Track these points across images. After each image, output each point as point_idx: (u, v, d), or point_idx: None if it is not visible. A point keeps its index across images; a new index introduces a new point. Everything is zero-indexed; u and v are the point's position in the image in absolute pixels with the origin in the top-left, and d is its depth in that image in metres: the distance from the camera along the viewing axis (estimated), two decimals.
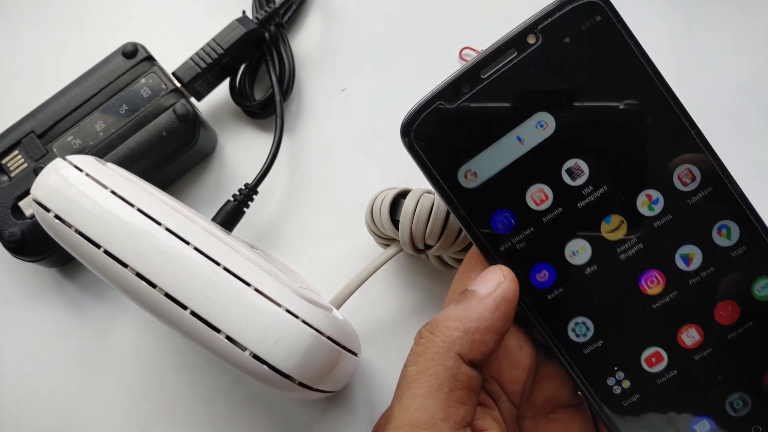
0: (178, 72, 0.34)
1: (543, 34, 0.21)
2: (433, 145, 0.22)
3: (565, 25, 0.21)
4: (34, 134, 0.33)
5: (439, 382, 0.20)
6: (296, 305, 0.23)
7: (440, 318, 0.21)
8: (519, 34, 0.22)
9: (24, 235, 0.31)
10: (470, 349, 0.20)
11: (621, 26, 0.21)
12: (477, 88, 0.22)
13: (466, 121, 0.22)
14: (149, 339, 0.33)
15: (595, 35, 0.21)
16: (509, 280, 0.21)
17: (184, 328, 0.23)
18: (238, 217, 0.33)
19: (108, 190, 0.25)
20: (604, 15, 0.21)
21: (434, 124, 0.22)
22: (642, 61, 0.21)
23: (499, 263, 0.22)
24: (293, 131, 0.37)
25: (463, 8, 0.38)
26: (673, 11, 0.36)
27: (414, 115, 0.22)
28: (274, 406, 0.32)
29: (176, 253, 0.23)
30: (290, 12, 0.38)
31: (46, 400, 0.33)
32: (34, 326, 0.34)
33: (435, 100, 0.22)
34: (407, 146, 0.22)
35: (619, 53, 0.21)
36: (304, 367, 0.23)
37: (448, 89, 0.22)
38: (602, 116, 0.22)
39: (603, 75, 0.22)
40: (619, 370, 0.22)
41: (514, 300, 0.21)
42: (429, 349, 0.21)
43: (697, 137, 0.22)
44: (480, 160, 0.22)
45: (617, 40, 0.21)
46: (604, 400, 0.22)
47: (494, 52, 0.22)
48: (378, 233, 0.31)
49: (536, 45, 0.21)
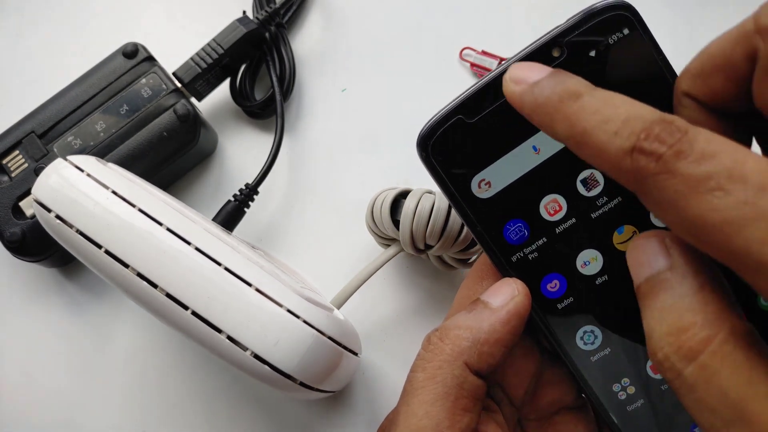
0: (178, 72, 0.34)
1: (569, 47, 0.21)
2: (451, 159, 0.21)
3: (592, 39, 0.21)
4: (34, 134, 0.33)
5: (446, 390, 0.20)
6: (297, 305, 0.23)
7: (450, 326, 0.21)
8: (544, 46, 0.21)
9: (25, 235, 0.31)
10: (478, 360, 0.20)
11: (649, 40, 0.21)
12: (499, 102, 0.21)
13: (484, 133, 0.21)
14: (150, 339, 0.33)
15: (622, 49, 0.21)
16: (522, 296, 0.21)
17: (185, 328, 0.23)
18: (239, 217, 0.33)
19: (109, 190, 0.25)
20: (632, 28, 0.21)
21: (454, 138, 0.21)
22: (668, 77, 0.21)
23: (511, 274, 0.22)
24: (294, 131, 0.37)
25: (463, 8, 0.38)
26: (673, 11, 0.36)
27: (432, 128, 0.21)
28: (275, 406, 0.32)
29: (177, 254, 0.23)
30: (290, 12, 0.38)
31: (46, 399, 0.33)
32: (34, 326, 0.34)
33: (455, 113, 0.21)
34: (424, 160, 0.21)
35: (645, 68, 0.21)
36: (305, 367, 0.23)
37: (469, 103, 0.21)
38: None
39: (626, 89, 0.21)
40: (624, 377, 0.22)
41: (525, 316, 0.21)
42: (437, 356, 0.21)
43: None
44: (495, 170, 0.21)
45: (644, 54, 0.21)
46: (609, 406, 0.22)
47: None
48: (378, 233, 0.31)
49: (561, 59, 0.21)
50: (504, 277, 0.22)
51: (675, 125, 0.15)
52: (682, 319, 0.16)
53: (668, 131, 0.15)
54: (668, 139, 0.15)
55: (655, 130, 0.15)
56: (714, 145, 0.15)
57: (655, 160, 0.15)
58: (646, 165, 0.15)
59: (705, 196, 0.14)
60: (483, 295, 0.22)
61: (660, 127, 0.15)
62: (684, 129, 0.15)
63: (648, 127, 0.16)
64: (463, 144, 0.21)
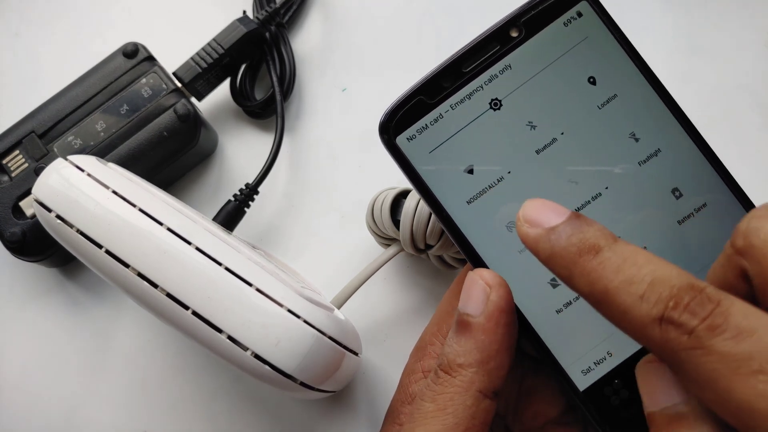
0: (178, 72, 0.34)
1: (526, 27, 0.21)
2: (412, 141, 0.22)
3: (548, 18, 0.21)
4: (34, 134, 0.33)
5: (456, 421, 0.20)
6: (298, 305, 0.23)
7: (450, 356, 0.21)
8: (502, 27, 0.22)
9: (25, 235, 0.31)
10: (490, 380, 0.20)
11: (605, 18, 0.21)
12: (458, 82, 0.22)
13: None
14: (150, 339, 0.33)
15: (579, 28, 0.21)
16: (496, 288, 0.20)
17: (185, 328, 0.23)
18: (239, 217, 0.33)
19: (109, 190, 0.25)
20: (586, 7, 0.21)
21: (414, 120, 0.22)
22: (626, 53, 0.21)
23: (481, 261, 0.22)
24: (294, 131, 0.37)
25: (463, 8, 0.38)
26: (673, 11, 0.36)
27: (392, 112, 0.22)
28: (276, 406, 0.32)
29: (178, 253, 0.23)
30: (291, 12, 0.38)
31: (47, 400, 0.33)
32: (35, 326, 0.34)
33: (415, 95, 0.22)
34: (386, 143, 0.22)
35: (602, 46, 0.21)
36: (306, 367, 0.23)
37: (429, 85, 0.22)
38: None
39: (584, 68, 0.22)
40: (617, 380, 0.22)
41: (509, 307, 0.20)
42: (448, 388, 0.20)
43: (687, 128, 0.21)
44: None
45: (600, 33, 0.21)
46: (600, 411, 0.22)
47: (476, 46, 0.22)
48: (379, 233, 0.31)
49: (519, 38, 0.21)
50: (471, 270, 0.22)
51: (705, 294, 0.15)
52: None
53: (699, 302, 0.14)
54: (700, 311, 0.14)
55: (685, 299, 0.14)
56: (752, 320, 0.14)
57: (687, 333, 0.14)
58: (677, 338, 0.14)
59: (749, 379, 0.13)
60: (460, 305, 0.21)
61: (689, 295, 0.15)
62: (716, 299, 0.14)
63: (676, 294, 0.15)
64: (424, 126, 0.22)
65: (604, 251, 0.16)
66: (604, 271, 0.16)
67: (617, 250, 0.16)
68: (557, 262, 0.17)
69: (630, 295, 0.15)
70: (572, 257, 0.16)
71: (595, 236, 0.17)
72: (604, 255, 0.16)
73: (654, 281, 0.15)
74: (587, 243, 0.16)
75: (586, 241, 0.16)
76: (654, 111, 0.21)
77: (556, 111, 0.22)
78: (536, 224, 0.18)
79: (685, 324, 0.14)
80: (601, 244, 0.16)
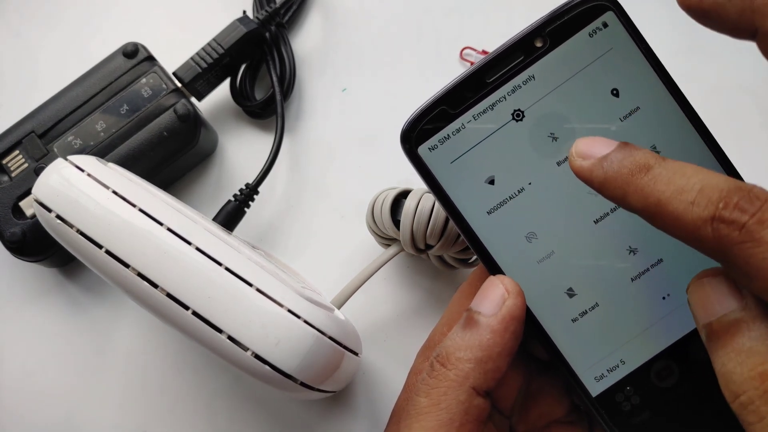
0: (178, 72, 0.34)
1: (551, 37, 0.21)
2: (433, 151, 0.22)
3: (573, 29, 0.21)
4: (34, 134, 0.33)
5: (450, 416, 0.20)
6: (298, 305, 0.23)
7: (450, 348, 0.21)
8: (526, 37, 0.21)
9: (25, 235, 0.31)
10: (485, 380, 0.20)
11: (631, 29, 0.21)
12: (481, 93, 0.21)
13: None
14: (150, 339, 0.33)
15: (604, 39, 0.21)
16: (514, 296, 0.21)
17: (185, 329, 0.23)
18: (239, 217, 0.33)
19: (109, 190, 0.25)
20: (613, 17, 0.21)
21: (436, 131, 0.22)
22: (650, 65, 0.21)
23: (500, 271, 0.22)
24: (294, 131, 0.37)
25: (463, 8, 0.38)
26: (674, 11, 0.36)
27: (415, 120, 0.21)
28: (276, 406, 0.32)
29: (178, 254, 0.23)
30: (291, 12, 0.38)
31: (47, 400, 0.33)
32: (35, 326, 0.34)
33: (437, 105, 0.21)
34: (407, 152, 0.22)
35: (627, 57, 0.21)
36: (306, 367, 0.23)
37: (452, 94, 0.21)
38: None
39: (609, 79, 0.21)
40: (629, 387, 0.22)
41: (521, 316, 0.21)
42: (442, 382, 0.20)
43: (710, 145, 0.21)
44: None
45: (625, 43, 0.21)
46: (612, 417, 0.22)
47: (500, 56, 0.21)
48: (379, 233, 0.31)
49: (544, 49, 0.21)
50: (491, 275, 0.22)
51: (753, 193, 0.16)
52: (766, 364, 0.16)
53: (748, 200, 0.15)
54: (749, 208, 0.15)
55: (734, 198, 0.16)
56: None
57: (738, 229, 0.15)
58: (728, 234, 0.15)
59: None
60: (473, 303, 0.21)
61: (738, 195, 0.16)
62: (764, 197, 0.15)
63: (726, 196, 0.16)
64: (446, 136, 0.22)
65: (655, 168, 0.17)
66: (657, 185, 0.17)
67: (667, 165, 0.17)
68: (611, 185, 0.18)
69: (681, 202, 0.16)
70: (625, 178, 0.17)
71: (644, 157, 0.18)
72: (655, 171, 0.17)
73: (703, 188, 0.16)
74: (638, 163, 0.17)
75: (637, 162, 0.17)
76: (677, 125, 0.21)
77: (579, 123, 0.21)
78: (588, 156, 0.19)
79: (736, 220, 0.15)
80: (651, 162, 0.17)
